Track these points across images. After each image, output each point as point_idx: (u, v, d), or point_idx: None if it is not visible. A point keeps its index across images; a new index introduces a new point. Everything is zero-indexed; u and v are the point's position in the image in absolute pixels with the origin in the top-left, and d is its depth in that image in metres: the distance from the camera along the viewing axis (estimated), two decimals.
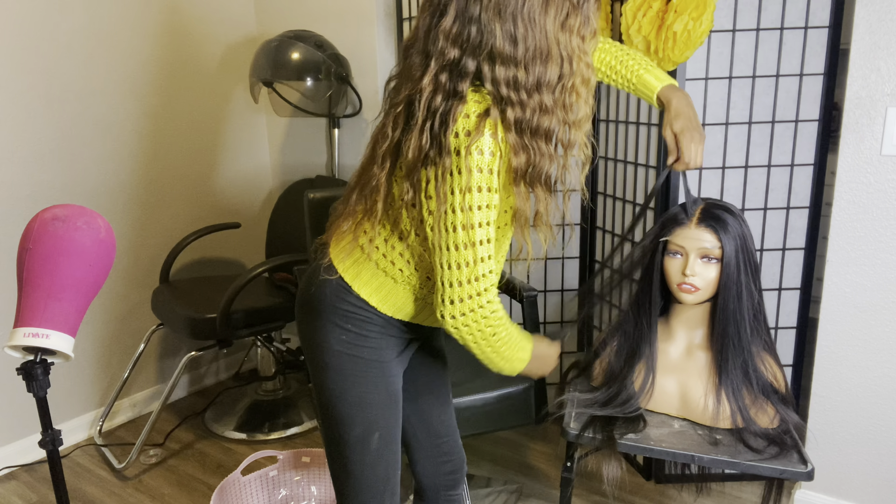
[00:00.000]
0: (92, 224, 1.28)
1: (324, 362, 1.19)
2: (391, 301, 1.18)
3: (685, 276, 1.49)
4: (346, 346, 1.18)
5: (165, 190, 2.68)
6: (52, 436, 1.30)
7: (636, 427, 1.55)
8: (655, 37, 1.78)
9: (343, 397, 1.19)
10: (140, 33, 2.52)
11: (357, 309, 1.18)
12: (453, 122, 0.99)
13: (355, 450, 1.21)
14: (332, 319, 1.18)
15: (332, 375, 1.19)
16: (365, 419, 1.20)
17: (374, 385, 1.20)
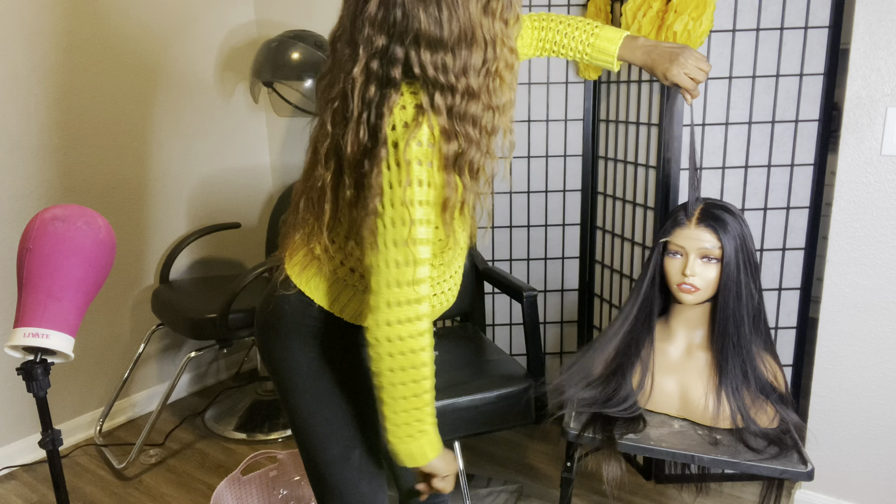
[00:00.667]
0: (92, 224, 1.28)
1: (293, 384, 1.16)
2: (354, 308, 1.14)
3: (685, 276, 1.49)
4: (316, 363, 1.15)
5: (165, 190, 2.68)
6: (52, 436, 1.30)
7: (636, 427, 1.55)
8: (655, 37, 1.78)
9: (317, 416, 1.16)
10: (140, 33, 2.52)
11: (321, 323, 1.14)
12: (389, 112, 0.97)
13: (336, 469, 1.18)
14: (296, 337, 1.14)
15: (304, 397, 1.16)
16: (343, 436, 1.17)
17: (311, 396, 1.17)
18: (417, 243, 0.99)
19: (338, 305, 1.14)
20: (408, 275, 1.00)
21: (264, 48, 2.46)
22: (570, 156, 2.31)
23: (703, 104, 1.88)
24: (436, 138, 0.98)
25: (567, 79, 2.23)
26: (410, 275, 1.00)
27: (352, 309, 1.14)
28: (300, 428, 1.18)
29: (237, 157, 2.93)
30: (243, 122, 2.94)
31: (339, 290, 1.13)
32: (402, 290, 1.00)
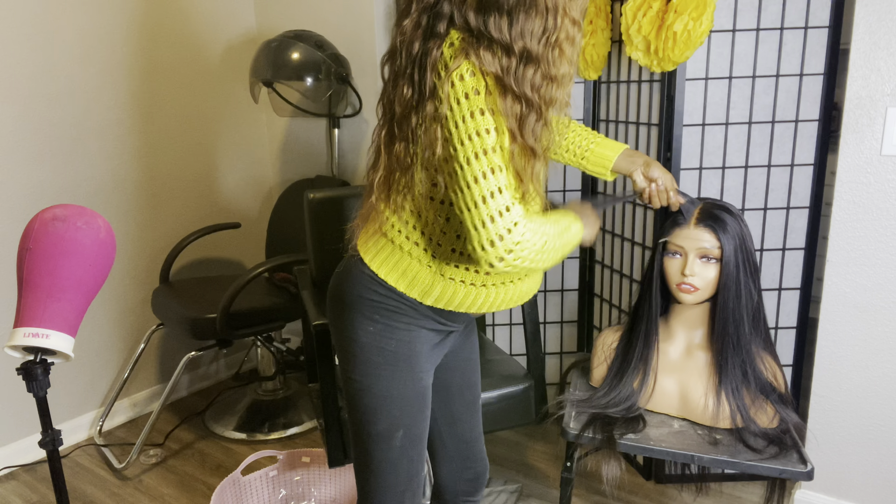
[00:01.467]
0: (92, 224, 1.28)
1: (351, 354, 1.18)
2: (418, 284, 1.14)
3: (684, 276, 1.49)
4: (373, 337, 1.16)
5: (165, 190, 2.68)
6: (52, 436, 1.30)
7: (636, 427, 1.55)
8: (655, 37, 1.78)
9: (369, 390, 1.18)
10: (140, 33, 2.52)
11: (384, 298, 1.15)
12: (432, 66, 0.99)
13: (378, 446, 1.19)
14: (359, 310, 1.16)
15: (358, 367, 1.18)
16: (389, 415, 1.18)
17: (401, 380, 1.18)
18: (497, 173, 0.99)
19: (403, 282, 1.15)
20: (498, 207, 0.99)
21: (264, 48, 2.46)
22: None
23: (704, 104, 1.88)
24: (489, 86, 0.99)
25: None
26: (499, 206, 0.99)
27: (417, 285, 1.14)
28: (351, 397, 1.20)
29: (237, 156, 2.93)
30: (243, 122, 2.94)
31: (406, 264, 1.14)
32: (496, 225, 0.99)
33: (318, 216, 1.92)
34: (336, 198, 1.94)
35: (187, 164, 2.74)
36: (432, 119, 1.00)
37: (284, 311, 2.42)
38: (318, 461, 2.02)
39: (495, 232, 0.99)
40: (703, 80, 1.86)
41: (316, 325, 1.59)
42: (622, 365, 1.63)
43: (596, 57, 2.10)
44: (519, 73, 1.00)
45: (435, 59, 1.00)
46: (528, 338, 1.84)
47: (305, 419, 2.59)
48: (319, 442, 2.48)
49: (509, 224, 0.99)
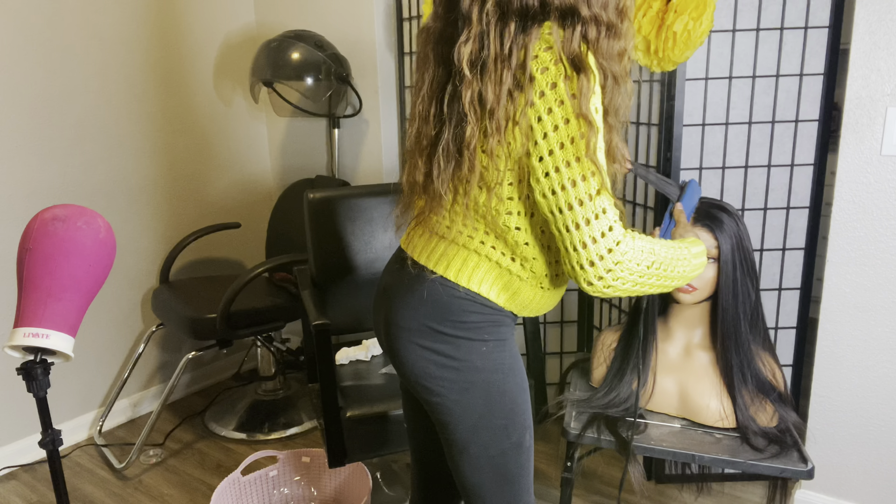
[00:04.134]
0: (92, 224, 1.28)
1: (469, 383, 1.09)
2: (519, 298, 1.10)
3: None
4: (488, 356, 1.09)
5: (165, 190, 2.68)
6: (52, 436, 1.30)
7: (637, 427, 1.55)
8: (655, 37, 1.78)
9: (495, 413, 1.11)
10: (140, 33, 2.52)
11: (487, 314, 1.09)
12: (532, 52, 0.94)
13: (513, 456, 1.15)
14: (466, 336, 1.09)
15: (478, 393, 1.09)
16: (520, 423, 1.14)
17: (518, 386, 1.13)
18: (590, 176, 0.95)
19: (505, 295, 1.10)
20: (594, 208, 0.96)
21: (264, 48, 2.46)
22: None
23: (704, 104, 1.88)
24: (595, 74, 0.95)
25: None
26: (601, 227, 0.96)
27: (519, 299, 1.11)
28: (470, 427, 1.11)
29: (237, 156, 2.93)
30: (243, 121, 2.94)
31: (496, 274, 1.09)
32: (597, 245, 0.97)
33: (318, 216, 1.92)
34: (336, 198, 1.94)
35: (187, 164, 2.74)
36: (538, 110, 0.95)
37: (284, 311, 2.42)
38: (318, 461, 2.02)
39: (596, 252, 0.97)
40: (703, 80, 1.86)
41: (316, 325, 1.59)
42: (622, 365, 1.64)
43: None
44: (605, 44, 0.97)
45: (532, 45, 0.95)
46: (528, 338, 1.83)
47: (305, 419, 2.59)
48: (319, 442, 2.48)
49: (611, 244, 0.97)
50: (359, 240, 1.95)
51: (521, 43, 0.96)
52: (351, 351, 1.99)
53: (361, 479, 1.93)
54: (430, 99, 1.07)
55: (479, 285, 1.08)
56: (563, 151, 0.95)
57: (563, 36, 0.95)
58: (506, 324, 1.12)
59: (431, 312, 1.09)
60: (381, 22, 2.55)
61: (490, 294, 1.08)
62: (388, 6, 2.55)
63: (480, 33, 0.98)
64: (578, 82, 0.93)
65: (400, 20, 2.52)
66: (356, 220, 1.95)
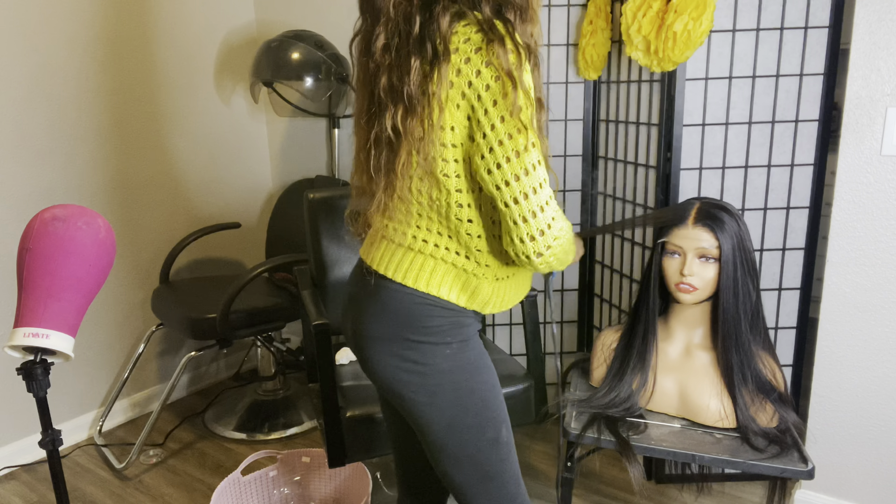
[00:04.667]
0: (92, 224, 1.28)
1: (436, 385, 1.11)
2: (479, 296, 1.12)
3: (683, 275, 1.49)
4: (454, 358, 1.11)
5: (165, 190, 2.68)
6: (52, 436, 1.30)
7: (638, 427, 1.55)
8: (655, 37, 1.78)
9: (467, 411, 1.12)
10: (140, 34, 2.52)
11: (449, 316, 1.11)
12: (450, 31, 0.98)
13: (491, 453, 1.15)
14: (430, 341, 1.10)
15: (447, 395, 1.11)
16: (493, 419, 1.14)
17: (488, 382, 1.14)
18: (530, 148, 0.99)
19: (465, 296, 1.11)
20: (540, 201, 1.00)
21: (264, 48, 2.46)
22: (570, 156, 2.31)
23: (704, 104, 1.88)
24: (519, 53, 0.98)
25: (567, 79, 2.23)
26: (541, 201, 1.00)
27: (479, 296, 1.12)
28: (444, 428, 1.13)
29: (237, 156, 2.94)
30: (243, 121, 2.94)
31: (454, 275, 1.10)
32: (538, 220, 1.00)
33: (318, 216, 1.92)
34: (336, 198, 1.94)
35: (187, 164, 2.74)
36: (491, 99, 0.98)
37: (284, 311, 2.42)
38: (318, 461, 2.02)
39: (537, 227, 1.00)
40: (703, 80, 1.86)
41: (316, 325, 1.59)
42: (622, 365, 1.64)
43: (596, 57, 2.10)
44: (519, 28, 1.01)
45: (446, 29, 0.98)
46: (528, 338, 1.83)
47: (305, 419, 2.59)
48: (319, 442, 2.48)
49: (549, 220, 1.01)
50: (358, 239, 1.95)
51: (436, 26, 0.99)
52: (351, 351, 1.99)
53: (361, 479, 1.93)
54: (362, 107, 1.10)
55: (438, 289, 1.09)
56: (504, 125, 0.98)
57: (482, 17, 0.99)
58: (468, 324, 1.13)
59: (395, 320, 1.10)
60: None
61: (450, 296, 1.10)
62: None
63: (395, 23, 1.02)
64: (510, 58, 0.96)
65: None
66: None
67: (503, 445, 1.17)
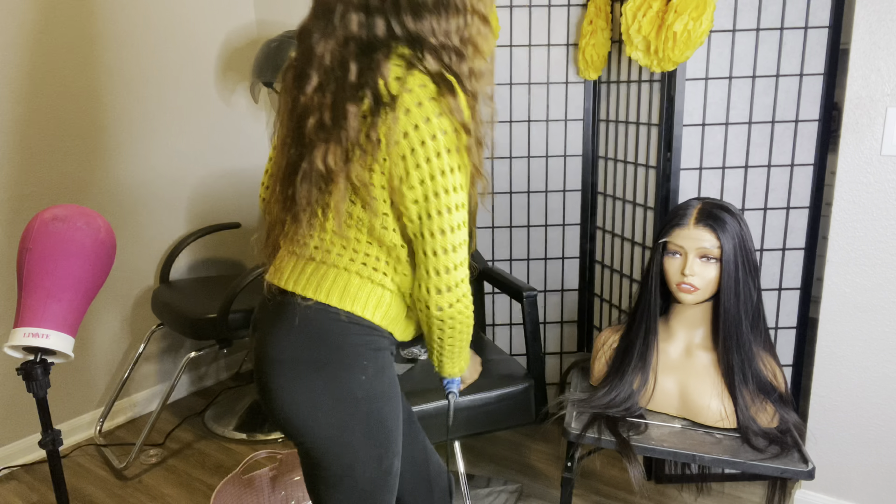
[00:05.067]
0: (92, 224, 1.28)
1: (347, 415, 1.05)
2: (394, 316, 1.09)
3: (684, 275, 1.49)
4: (369, 385, 1.06)
5: (165, 190, 2.68)
6: (52, 436, 1.30)
7: (638, 427, 1.55)
8: (655, 37, 1.78)
9: (374, 444, 1.08)
10: (140, 33, 2.52)
11: (367, 338, 1.06)
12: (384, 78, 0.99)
13: (382, 484, 1.11)
14: (345, 364, 1.04)
15: (359, 427, 1.06)
16: (391, 451, 1.11)
17: (394, 413, 1.10)
18: (461, 207, 1.01)
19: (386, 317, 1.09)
20: (457, 259, 1.03)
21: (264, 48, 2.46)
22: (570, 156, 2.31)
23: (704, 104, 1.88)
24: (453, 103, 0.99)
25: (567, 79, 2.23)
26: (459, 258, 1.03)
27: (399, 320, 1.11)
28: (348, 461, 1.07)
29: (237, 156, 2.94)
30: (243, 121, 2.94)
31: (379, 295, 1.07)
32: (451, 276, 1.03)
33: None
34: None
35: (187, 163, 2.74)
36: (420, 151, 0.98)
37: None
38: None
39: (452, 281, 1.03)
40: (703, 80, 1.86)
41: None
42: (622, 365, 1.64)
43: (596, 57, 2.10)
44: (456, 68, 1.02)
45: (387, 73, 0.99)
46: (528, 338, 1.83)
47: None
48: None
49: (459, 279, 1.03)
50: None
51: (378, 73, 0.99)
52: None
53: None
54: (286, 134, 1.10)
55: (353, 303, 1.05)
56: (442, 179, 0.99)
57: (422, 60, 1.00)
58: (384, 347, 1.09)
59: (305, 341, 1.04)
60: None
61: (365, 312, 1.05)
62: None
63: (329, 69, 1.01)
64: (464, 113, 0.99)
65: None
66: None
67: (393, 476, 1.13)
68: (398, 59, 1.00)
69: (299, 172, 1.05)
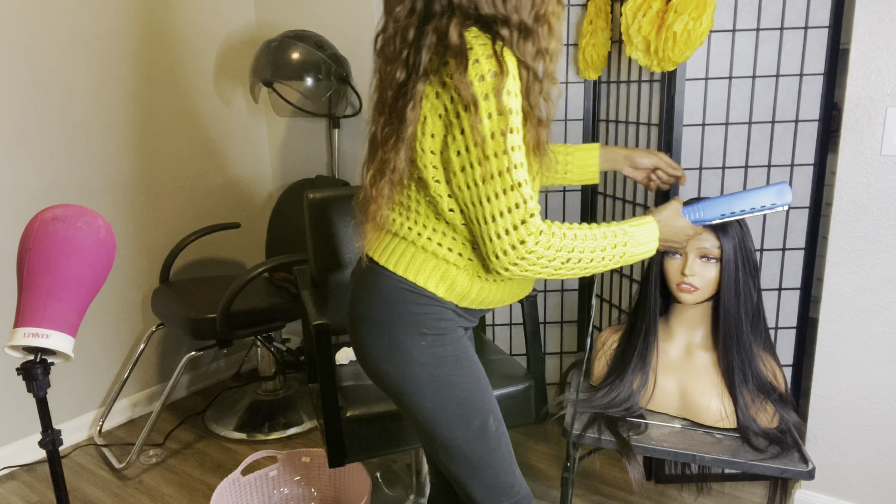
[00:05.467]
0: (92, 224, 1.28)
1: (411, 376, 1.13)
2: (457, 288, 1.13)
3: (684, 275, 1.49)
4: (428, 351, 1.12)
5: (165, 190, 2.68)
6: (52, 436, 1.30)
7: (638, 427, 1.55)
8: (655, 37, 1.78)
9: (449, 401, 1.14)
10: (140, 33, 2.52)
11: (427, 307, 1.12)
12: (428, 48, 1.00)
13: (479, 443, 1.17)
14: (405, 328, 1.12)
15: (424, 387, 1.13)
16: (478, 410, 1.16)
17: (470, 374, 1.15)
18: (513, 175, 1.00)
19: (443, 286, 1.12)
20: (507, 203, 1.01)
21: (264, 48, 2.46)
22: None
23: (704, 104, 1.88)
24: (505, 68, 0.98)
25: (567, 79, 2.23)
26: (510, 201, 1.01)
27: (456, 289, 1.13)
28: (428, 419, 1.15)
29: (237, 156, 2.94)
30: (243, 121, 2.94)
31: (443, 269, 1.12)
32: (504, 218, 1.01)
33: (318, 216, 1.92)
34: (336, 198, 1.94)
35: (187, 164, 2.74)
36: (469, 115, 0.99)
37: (284, 311, 2.42)
38: (318, 461, 2.02)
39: (507, 244, 1.02)
40: (703, 80, 1.86)
41: (316, 325, 1.59)
42: (622, 365, 1.63)
43: (596, 57, 2.10)
44: (518, 46, 1.02)
45: (432, 43, 1.00)
46: (528, 338, 1.83)
47: (305, 419, 2.59)
48: (319, 442, 2.48)
49: (522, 237, 1.02)
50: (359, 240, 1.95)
51: (419, 45, 1.01)
52: (351, 351, 1.99)
53: (361, 479, 1.93)
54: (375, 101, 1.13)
55: (416, 274, 1.12)
56: (468, 154, 1.00)
57: (472, 34, 1.00)
58: (446, 317, 1.14)
59: (375, 303, 1.13)
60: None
61: (428, 284, 1.12)
62: None
63: (388, 31, 1.06)
64: (492, 81, 0.97)
65: None
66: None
67: (491, 436, 1.18)
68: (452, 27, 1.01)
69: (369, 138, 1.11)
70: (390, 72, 1.05)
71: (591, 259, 1.09)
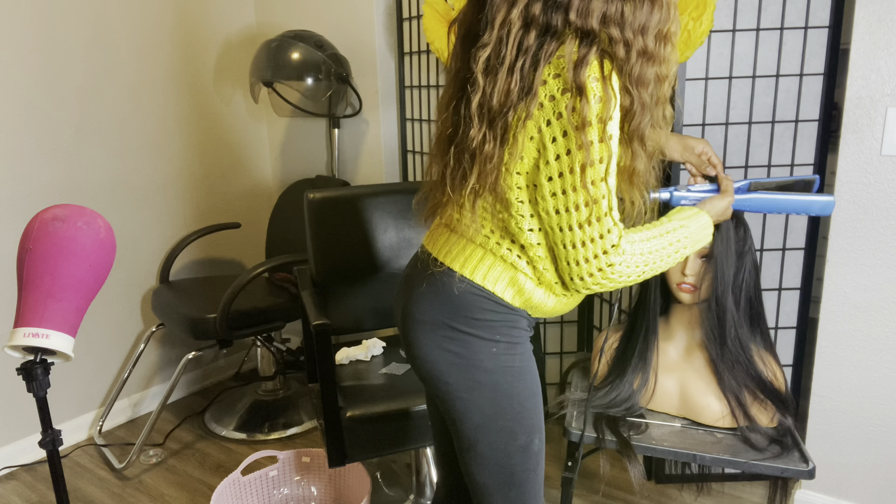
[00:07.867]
0: (92, 224, 1.28)
1: (475, 382, 1.10)
2: (533, 301, 1.10)
3: (684, 275, 1.49)
4: (498, 358, 1.10)
5: (165, 190, 2.68)
6: (52, 436, 1.30)
7: (639, 427, 1.55)
8: None
9: (503, 415, 1.11)
10: (140, 33, 2.52)
11: (502, 315, 1.10)
12: (546, 61, 0.93)
13: (518, 459, 1.14)
14: (478, 334, 1.09)
15: (486, 394, 1.10)
16: (528, 427, 1.14)
17: (529, 390, 1.13)
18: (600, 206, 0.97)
19: (520, 298, 1.10)
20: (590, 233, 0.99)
21: (264, 48, 2.46)
22: None
23: (704, 104, 1.88)
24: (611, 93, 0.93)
25: None
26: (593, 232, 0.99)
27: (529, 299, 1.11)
28: (477, 426, 1.12)
29: (237, 156, 2.93)
30: (243, 121, 2.94)
31: (512, 276, 1.09)
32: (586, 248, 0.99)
33: (318, 216, 1.92)
34: (336, 198, 1.94)
35: (187, 164, 2.74)
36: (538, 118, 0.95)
37: (284, 311, 2.42)
38: (318, 461, 2.02)
39: (585, 272, 1.01)
40: (703, 80, 1.86)
41: (316, 325, 1.59)
42: (623, 364, 1.63)
43: None
44: (636, 69, 0.96)
45: (549, 57, 0.94)
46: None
47: (305, 419, 2.59)
48: (319, 442, 2.48)
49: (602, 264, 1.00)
50: (359, 240, 1.95)
51: (535, 60, 0.95)
52: (351, 351, 1.99)
53: (361, 479, 1.93)
54: (451, 97, 1.08)
55: (494, 284, 1.09)
56: (562, 180, 0.97)
57: (578, 57, 0.93)
58: (520, 325, 1.13)
59: (445, 307, 1.10)
60: (381, 22, 2.55)
61: (505, 294, 1.09)
62: (388, 6, 2.55)
63: (499, 40, 0.97)
64: (583, 111, 0.92)
65: (400, 20, 2.52)
66: (356, 220, 1.95)
67: (533, 455, 1.16)
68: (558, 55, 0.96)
69: (451, 147, 1.05)
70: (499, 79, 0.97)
71: (663, 257, 1.10)
